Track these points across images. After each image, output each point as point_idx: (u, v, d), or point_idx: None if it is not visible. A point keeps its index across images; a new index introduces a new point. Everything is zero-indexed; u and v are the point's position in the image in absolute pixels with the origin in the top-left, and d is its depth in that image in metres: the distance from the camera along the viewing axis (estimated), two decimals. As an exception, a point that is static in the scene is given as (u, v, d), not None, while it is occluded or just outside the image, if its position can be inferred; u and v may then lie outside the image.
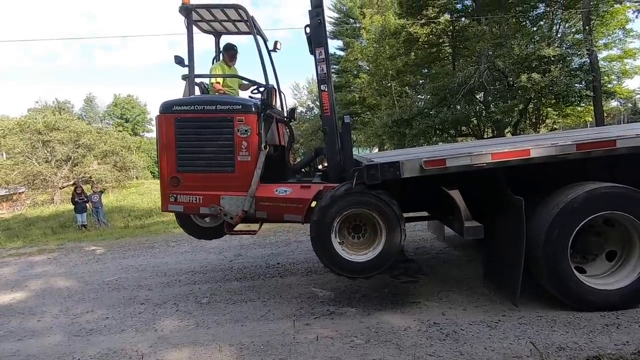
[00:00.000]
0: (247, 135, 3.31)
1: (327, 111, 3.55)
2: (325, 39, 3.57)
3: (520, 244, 2.90)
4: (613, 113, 26.48)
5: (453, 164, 2.96)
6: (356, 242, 3.17)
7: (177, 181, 3.39)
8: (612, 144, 2.91)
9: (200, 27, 4.36)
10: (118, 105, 51.60)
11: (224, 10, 3.96)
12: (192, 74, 3.77)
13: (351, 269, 3.04)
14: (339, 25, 30.01)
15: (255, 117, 3.35)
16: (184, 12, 3.72)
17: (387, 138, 20.78)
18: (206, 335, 3.13)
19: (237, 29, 4.44)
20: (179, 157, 3.39)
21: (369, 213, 3.03)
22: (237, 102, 3.40)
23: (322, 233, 3.03)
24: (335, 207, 3.02)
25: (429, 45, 19.53)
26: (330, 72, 3.51)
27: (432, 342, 2.71)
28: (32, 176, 22.86)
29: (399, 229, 3.02)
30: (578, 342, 2.54)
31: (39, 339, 3.37)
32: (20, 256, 7.09)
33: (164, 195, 3.45)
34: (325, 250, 3.05)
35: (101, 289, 4.61)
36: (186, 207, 3.42)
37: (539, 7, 16.86)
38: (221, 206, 3.33)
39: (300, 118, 40.10)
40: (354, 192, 3.01)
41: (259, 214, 3.33)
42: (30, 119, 24.92)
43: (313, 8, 3.46)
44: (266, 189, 3.40)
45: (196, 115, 3.37)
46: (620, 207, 2.83)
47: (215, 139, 3.36)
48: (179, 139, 3.39)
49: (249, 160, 3.32)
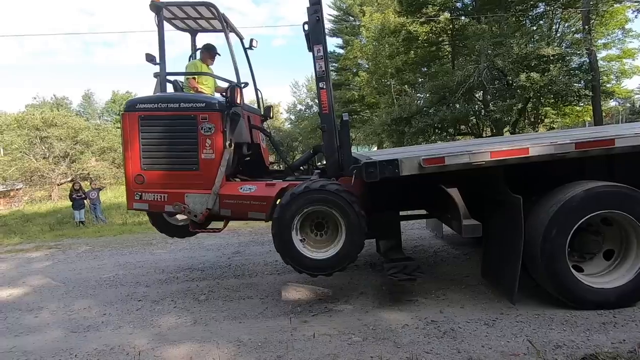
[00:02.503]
0: (210, 133, 3.31)
1: (326, 109, 3.54)
2: (324, 36, 3.56)
3: (518, 242, 2.90)
4: (612, 113, 26.56)
5: (452, 162, 2.96)
6: (318, 240, 3.18)
7: (141, 179, 3.39)
8: (610, 143, 2.91)
9: (175, 25, 4.34)
10: (116, 101, 51.32)
11: (196, 8, 3.94)
12: (163, 72, 3.76)
13: (311, 266, 3.06)
14: (338, 23, 29.92)
15: (219, 115, 3.34)
16: (155, 9, 3.69)
17: (386, 136, 20.77)
18: (204, 332, 3.12)
19: (212, 26, 4.42)
20: (143, 155, 3.39)
21: (329, 211, 3.04)
22: (201, 100, 3.40)
23: (282, 230, 3.04)
24: (294, 204, 3.02)
25: (428, 43, 19.50)
26: (329, 69, 3.50)
27: (429, 339, 2.72)
28: (29, 172, 22.73)
29: (359, 227, 3.01)
30: (575, 340, 2.55)
31: (36, 335, 3.36)
32: (17, 252, 7.06)
33: (129, 193, 3.45)
34: (286, 247, 3.06)
35: (99, 286, 4.60)
36: (151, 205, 3.42)
37: (539, 6, 16.83)
38: (186, 204, 3.33)
39: (300, 116, 40.10)
40: (313, 190, 3.01)
41: (223, 211, 3.34)
42: (28, 115, 24.76)
43: (311, 5, 3.46)
44: (231, 186, 3.40)
45: (160, 113, 3.37)
46: (619, 206, 2.84)
47: (179, 137, 3.36)
48: (143, 136, 3.38)
49: (213, 158, 3.32)
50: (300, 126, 36.28)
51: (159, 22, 3.71)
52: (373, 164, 3.03)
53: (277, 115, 46.21)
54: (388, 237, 3.80)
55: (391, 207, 3.72)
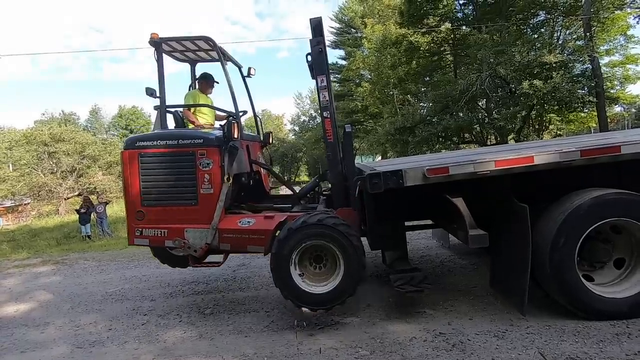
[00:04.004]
0: (209, 168, 3.35)
1: (330, 137, 3.60)
2: (327, 67, 3.65)
3: (526, 252, 2.86)
4: (617, 119, 26.38)
5: (456, 172, 2.95)
6: (317, 273, 3.17)
7: (142, 215, 3.43)
8: (616, 149, 2.89)
9: (174, 57, 4.46)
10: (123, 116, 52.14)
11: (194, 42, 4.05)
12: (163, 106, 3.83)
13: (311, 301, 3.04)
14: (340, 35, 30.33)
15: (217, 150, 3.38)
16: (154, 44, 3.79)
17: (390, 146, 20.78)
18: (209, 347, 3.10)
19: (210, 56, 4.53)
20: (143, 192, 3.43)
21: (327, 245, 3.04)
22: (199, 136, 3.43)
23: (280, 265, 3.04)
24: (292, 239, 3.03)
25: (430, 53, 19.65)
26: (333, 98, 3.58)
27: (438, 352, 2.67)
28: (37, 187, 23.04)
29: (357, 261, 3.00)
30: (588, 352, 2.49)
31: (42, 350, 3.35)
32: (24, 267, 7.10)
33: (129, 229, 3.49)
34: (285, 282, 3.05)
35: (105, 300, 4.60)
36: (151, 240, 3.46)
37: (540, 15, 16.94)
38: (185, 239, 3.35)
39: (304, 127, 40.37)
40: (311, 225, 3.02)
41: (222, 245, 3.36)
42: (37, 131, 25.22)
43: (314, 37, 3.55)
44: (229, 220, 3.42)
45: (159, 150, 3.42)
46: (627, 213, 2.80)
47: (178, 173, 3.40)
48: (143, 173, 3.43)
49: (212, 192, 3.35)
50: (304, 137, 36.51)
51: (158, 57, 3.80)
52: (377, 175, 3.03)
53: (282, 127, 46.66)
54: (394, 248, 3.78)
55: (396, 218, 3.70)
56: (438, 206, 3.36)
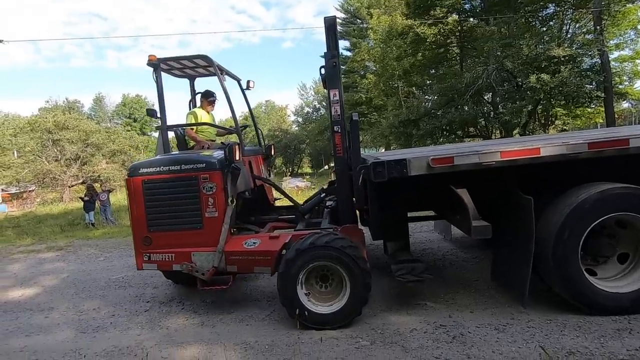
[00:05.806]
0: (212, 191, 3.36)
1: (340, 152, 3.59)
2: (340, 81, 3.64)
3: (529, 245, 2.85)
4: (624, 114, 26.06)
5: (461, 162, 2.92)
6: (323, 292, 3.18)
7: (149, 241, 3.47)
8: (625, 143, 2.84)
9: (173, 74, 4.49)
10: (127, 104, 52.07)
11: (192, 60, 4.09)
12: (164, 126, 3.87)
13: (317, 321, 3.05)
14: (346, 26, 29.96)
15: (219, 173, 3.39)
16: (152, 66, 3.81)
17: (394, 139, 20.68)
18: (211, 334, 3.13)
19: (209, 71, 4.54)
20: (149, 218, 3.46)
21: (334, 266, 3.05)
22: (201, 161, 3.45)
23: (287, 285, 3.05)
24: (300, 260, 3.04)
25: (436, 45, 19.37)
26: (344, 113, 3.55)
27: (438, 344, 2.67)
28: (42, 174, 23.17)
29: (363, 283, 3.00)
30: (589, 346, 2.48)
31: (47, 335, 3.40)
32: (29, 253, 7.18)
33: (137, 254, 3.53)
34: (291, 302, 3.07)
35: (108, 287, 4.64)
36: (160, 264, 3.49)
37: (549, 7, 16.61)
38: (193, 262, 3.38)
39: (307, 119, 40.18)
40: (318, 246, 3.03)
41: (229, 268, 3.38)
42: (41, 118, 25.23)
43: (329, 50, 3.54)
44: (235, 242, 3.43)
45: (162, 177, 3.44)
46: (633, 208, 2.77)
47: (182, 198, 3.42)
48: (148, 199, 3.45)
49: (217, 216, 3.37)
50: (307, 129, 36.35)
51: (157, 77, 3.81)
52: (381, 164, 3.00)
53: (285, 118, 46.50)
54: (396, 238, 3.77)
55: (399, 208, 3.69)
56: (441, 197, 3.34)
